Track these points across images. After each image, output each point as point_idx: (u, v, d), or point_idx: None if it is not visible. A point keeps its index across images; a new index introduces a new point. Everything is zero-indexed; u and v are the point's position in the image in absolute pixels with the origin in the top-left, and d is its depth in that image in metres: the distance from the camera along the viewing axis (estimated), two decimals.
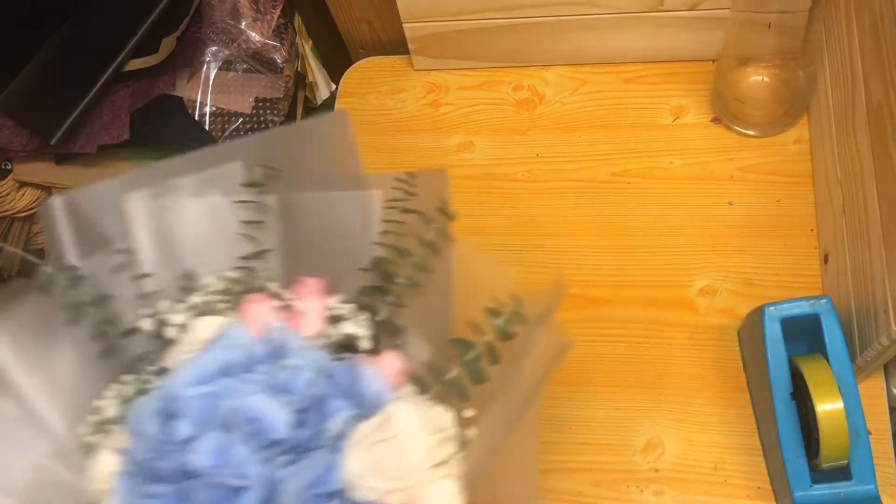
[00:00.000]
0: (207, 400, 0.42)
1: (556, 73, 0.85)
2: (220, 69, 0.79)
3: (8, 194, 0.83)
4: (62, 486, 0.47)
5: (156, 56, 0.75)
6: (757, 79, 0.77)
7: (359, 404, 0.44)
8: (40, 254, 0.87)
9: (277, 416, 0.42)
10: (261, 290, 0.49)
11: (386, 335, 0.48)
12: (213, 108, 0.78)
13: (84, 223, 0.50)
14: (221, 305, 0.48)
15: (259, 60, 0.79)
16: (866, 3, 0.60)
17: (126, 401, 0.46)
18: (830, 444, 0.55)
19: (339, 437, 0.42)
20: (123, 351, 0.49)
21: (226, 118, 0.78)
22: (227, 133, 0.77)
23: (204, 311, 0.47)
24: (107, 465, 0.43)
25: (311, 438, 0.42)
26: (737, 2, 0.70)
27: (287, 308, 0.48)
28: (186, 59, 0.78)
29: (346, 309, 0.48)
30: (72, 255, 0.50)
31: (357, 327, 0.47)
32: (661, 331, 0.69)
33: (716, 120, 0.78)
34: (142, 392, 0.46)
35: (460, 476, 0.43)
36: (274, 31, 0.79)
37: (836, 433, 0.54)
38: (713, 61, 0.81)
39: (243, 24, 0.78)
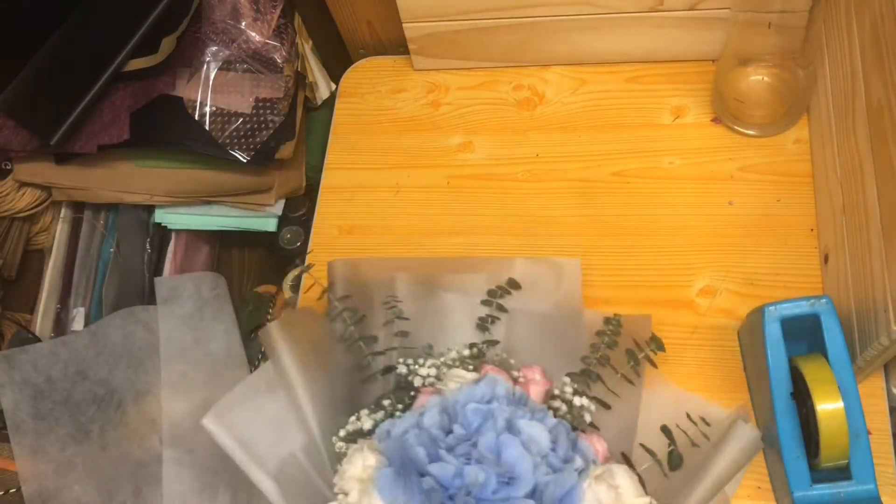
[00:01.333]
0: (481, 413, 0.54)
1: (556, 73, 0.85)
2: (220, 69, 0.79)
3: (8, 194, 0.83)
4: (304, 477, 0.61)
5: (156, 56, 0.75)
6: (757, 79, 0.77)
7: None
8: (38, 254, 0.87)
9: (541, 435, 0.53)
10: (492, 362, 0.63)
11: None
12: (213, 108, 0.78)
13: (354, 282, 0.69)
14: (465, 367, 0.61)
15: (259, 60, 0.79)
16: (866, 3, 0.60)
17: (378, 421, 0.59)
18: (830, 443, 0.55)
19: (581, 470, 0.53)
20: (376, 383, 0.64)
21: (226, 118, 0.78)
22: (226, 133, 0.77)
23: (450, 367, 0.61)
24: (367, 459, 0.54)
25: (561, 463, 0.53)
26: (737, 2, 0.70)
27: (516, 381, 0.60)
28: (186, 59, 0.78)
29: (569, 389, 0.61)
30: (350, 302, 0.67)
31: (587, 401, 0.60)
32: (661, 331, 0.69)
33: (716, 120, 0.78)
34: (391, 416, 0.59)
35: None
36: (274, 31, 0.79)
37: (836, 433, 0.54)
38: (713, 61, 0.81)
39: (243, 24, 0.78)
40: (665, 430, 0.59)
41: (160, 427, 0.72)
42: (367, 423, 0.59)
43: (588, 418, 0.60)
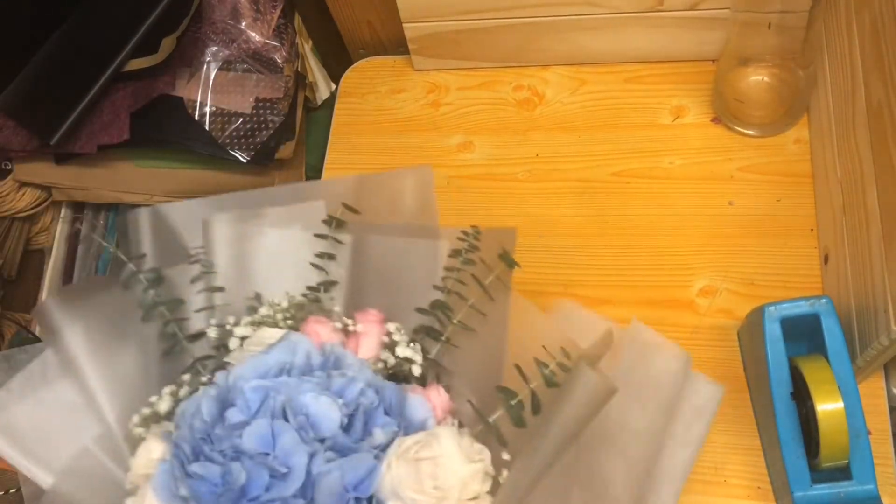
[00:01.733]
0: (262, 392, 0.45)
1: (556, 73, 0.85)
2: (220, 69, 0.79)
3: (8, 194, 0.83)
4: (101, 471, 0.51)
5: (156, 56, 0.75)
6: (757, 79, 0.77)
7: (403, 426, 0.46)
8: (38, 254, 0.87)
9: (329, 414, 0.44)
10: (321, 312, 0.53)
11: (434, 373, 0.51)
12: (213, 108, 0.78)
13: (165, 234, 0.57)
14: (285, 323, 0.52)
15: (259, 60, 0.79)
16: (866, 3, 0.60)
17: (179, 399, 0.50)
18: (830, 444, 0.55)
19: (382, 447, 0.45)
20: (185, 354, 0.53)
21: (226, 118, 0.78)
22: (226, 133, 0.77)
23: (268, 323, 0.51)
24: (152, 451, 0.46)
25: (355, 443, 0.45)
26: (737, 2, 0.70)
27: (346, 332, 0.51)
28: (186, 59, 0.78)
29: (402, 337, 0.52)
30: (150, 261, 0.55)
31: (411, 352, 0.51)
32: (661, 331, 0.68)
33: (716, 120, 0.78)
34: (195, 392, 0.49)
35: None
36: (274, 31, 0.79)
37: (836, 433, 0.54)
38: (713, 61, 0.81)
39: (243, 24, 0.78)
40: (518, 368, 0.49)
41: None
42: (164, 404, 0.50)
43: (417, 371, 0.51)
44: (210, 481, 0.43)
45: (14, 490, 0.70)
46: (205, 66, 0.78)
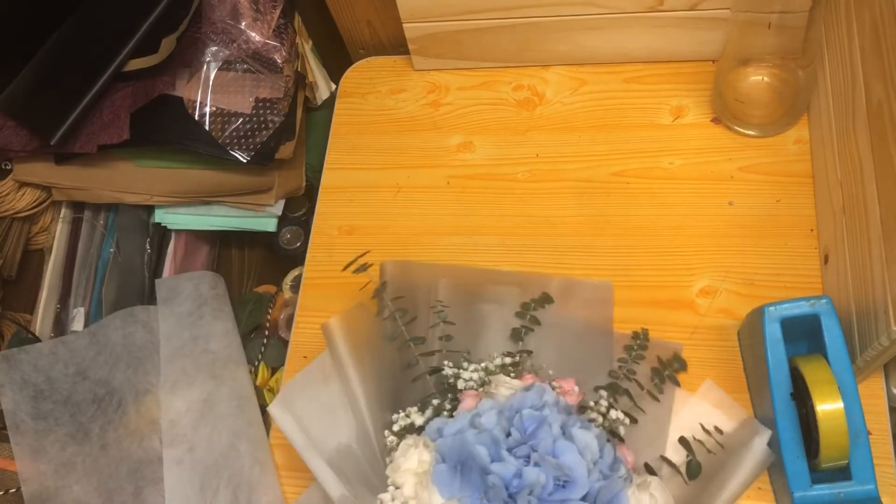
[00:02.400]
0: (536, 420, 0.56)
1: (556, 73, 0.85)
2: (220, 69, 0.79)
3: (8, 194, 0.83)
4: (355, 466, 0.64)
5: (156, 56, 0.75)
6: (757, 79, 0.77)
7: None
8: (38, 254, 0.87)
9: (592, 444, 0.55)
10: (530, 372, 0.65)
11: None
12: (213, 108, 0.78)
13: (405, 287, 0.71)
14: (507, 374, 0.64)
15: (259, 60, 0.79)
16: (866, 3, 0.60)
17: (427, 418, 0.62)
18: (830, 444, 0.55)
19: (626, 477, 0.56)
20: (422, 381, 0.66)
21: (226, 118, 0.78)
22: (226, 133, 0.77)
23: (493, 374, 0.64)
24: (422, 455, 0.57)
25: (609, 470, 0.56)
26: (737, 2, 0.70)
27: (554, 390, 0.61)
28: (186, 59, 0.78)
29: (604, 401, 0.63)
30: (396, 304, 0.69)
31: (622, 415, 0.62)
32: (662, 331, 0.69)
33: (716, 120, 0.78)
34: (438, 415, 0.62)
35: None
36: (274, 31, 0.79)
37: (836, 433, 0.54)
38: (713, 61, 0.81)
39: (243, 24, 0.78)
40: (683, 441, 0.63)
41: (160, 427, 0.72)
42: (417, 420, 0.62)
43: (622, 430, 0.62)
44: (504, 478, 0.53)
45: (14, 490, 0.70)
46: (205, 66, 0.78)
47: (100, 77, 0.74)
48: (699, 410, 0.66)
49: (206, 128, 0.77)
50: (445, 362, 0.65)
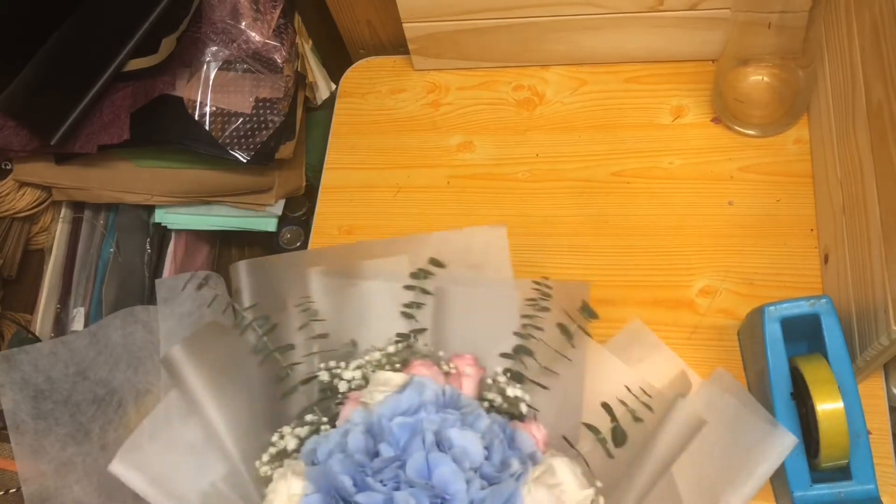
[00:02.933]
0: (408, 428, 0.50)
1: (556, 73, 0.85)
2: (220, 69, 0.79)
3: (8, 194, 0.83)
4: None
5: (156, 56, 0.75)
6: (757, 79, 0.77)
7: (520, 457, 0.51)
8: (38, 254, 0.87)
9: (474, 446, 0.49)
10: (421, 357, 0.58)
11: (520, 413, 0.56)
12: (213, 108, 0.78)
13: (263, 284, 0.62)
14: (392, 367, 0.57)
15: (259, 60, 0.79)
16: (866, 3, 0.60)
17: (302, 438, 0.54)
18: (830, 443, 0.55)
19: (518, 475, 0.49)
20: (297, 395, 0.59)
21: (226, 118, 0.78)
22: (226, 133, 0.77)
23: (377, 367, 0.56)
24: (292, 487, 0.50)
25: (497, 472, 0.49)
26: (737, 2, 0.70)
27: (448, 374, 0.56)
28: (186, 59, 0.78)
29: (502, 378, 0.57)
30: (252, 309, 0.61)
31: (521, 392, 0.55)
32: (661, 331, 0.69)
33: (716, 120, 0.78)
34: (316, 432, 0.54)
35: None
36: (274, 31, 0.79)
37: (836, 433, 0.54)
38: (713, 61, 0.81)
39: (243, 24, 0.78)
40: (605, 406, 0.56)
41: None
42: (290, 443, 0.55)
43: (524, 408, 0.56)
44: None
45: (14, 490, 0.70)
46: (205, 66, 0.78)
47: (100, 77, 0.74)
48: (622, 371, 0.60)
49: (206, 128, 0.77)
50: (321, 365, 0.58)
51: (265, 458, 0.55)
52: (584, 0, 0.76)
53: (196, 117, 0.77)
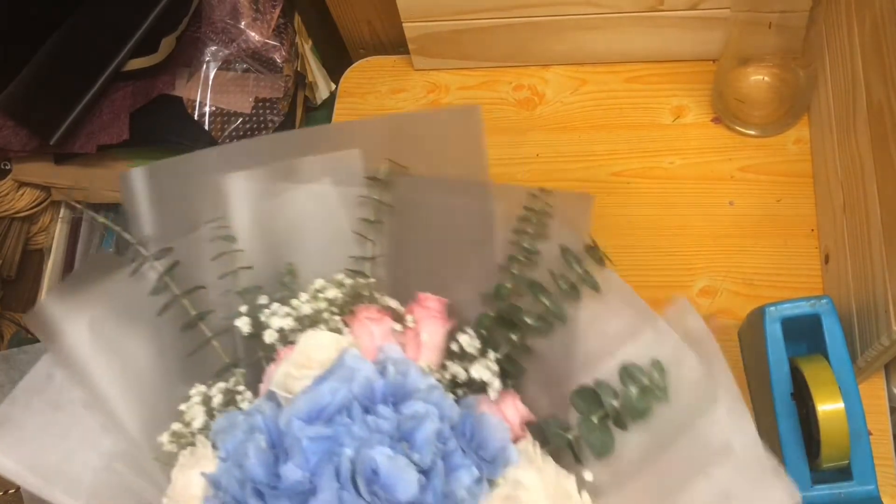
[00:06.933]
0: (323, 444, 0.37)
1: (556, 73, 0.85)
2: (219, 69, 0.79)
3: (7, 194, 0.83)
4: (127, 489, 0.43)
5: (155, 56, 0.75)
6: (757, 79, 0.76)
7: (481, 457, 0.40)
8: (38, 254, 0.87)
9: (405, 477, 0.37)
10: (372, 300, 0.44)
11: (504, 375, 0.43)
12: (213, 108, 0.78)
13: (167, 199, 0.46)
14: (329, 315, 0.43)
15: (259, 60, 0.79)
16: (867, 3, 0.60)
17: (214, 410, 0.42)
18: (831, 444, 0.55)
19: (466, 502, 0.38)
20: (212, 352, 0.44)
21: (225, 118, 0.78)
22: (226, 133, 0.77)
23: (312, 320, 0.42)
24: (192, 486, 0.40)
25: (442, 497, 0.38)
26: (737, 2, 0.70)
27: (404, 332, 0.43)
28: (186, 58, 0.78)
29: (471, 347, 0.43)
30: (155, 235, 0.45)
31: (489, 374, 0.43)
32: None
33: (716, 120, 0.78)
34: (231, 402, 0.41)
35: None
36: (274, 30, 0.79)
37: (836, 434, 0.54)
38: (713, 61, 0.80)
39: (243, 23, 0.78)
40: (626, 370, 0.42)
41: None
42: (197, 420, 0.42)
43: (493, 395, 0.43)
44: None
45: (14, 490, 0.70)
46: (204, 66, 0.78)
47: (99, 77, 0.74)
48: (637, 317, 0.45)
49: (206, 128, 0.77)
50: (241, 309, 0.44)
51: (165, 436, 0.43)
52: (584, 0, 0.76)
53: (196, 117, 0.77)
